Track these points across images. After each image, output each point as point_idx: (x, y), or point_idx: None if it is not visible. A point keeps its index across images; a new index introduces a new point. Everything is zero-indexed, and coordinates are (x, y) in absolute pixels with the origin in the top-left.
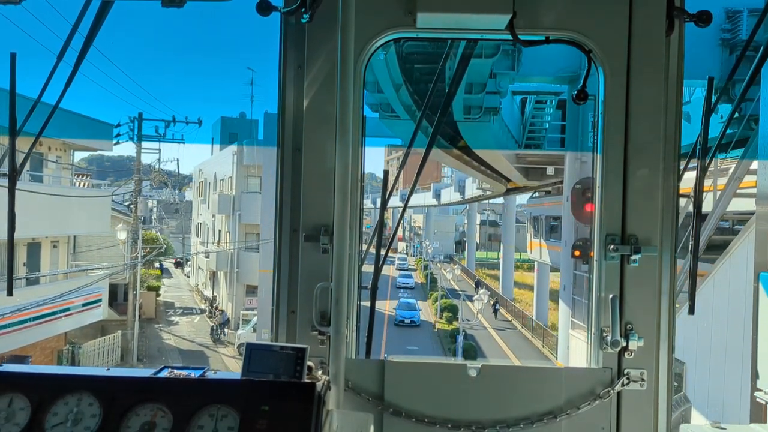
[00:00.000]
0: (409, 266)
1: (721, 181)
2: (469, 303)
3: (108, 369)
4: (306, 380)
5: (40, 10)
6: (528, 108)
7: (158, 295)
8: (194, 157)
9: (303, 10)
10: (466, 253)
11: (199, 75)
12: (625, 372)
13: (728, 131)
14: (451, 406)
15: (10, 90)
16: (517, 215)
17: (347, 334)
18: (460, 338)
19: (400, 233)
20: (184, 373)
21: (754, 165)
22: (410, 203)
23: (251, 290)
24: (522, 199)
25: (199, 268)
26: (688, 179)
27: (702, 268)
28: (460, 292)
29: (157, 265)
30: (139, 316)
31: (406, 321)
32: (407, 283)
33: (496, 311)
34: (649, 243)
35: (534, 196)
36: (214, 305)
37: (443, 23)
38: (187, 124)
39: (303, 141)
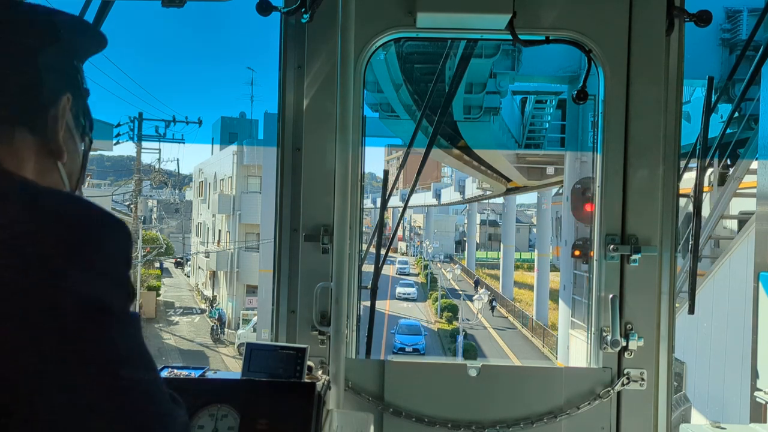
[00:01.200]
0: (411, 271)
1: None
2: (469, 303)
3: None
4: (306, 380)
5: None
6: (528, 108)
7: (158, 294)
8: (194, 157)
9: (303, 10)
10: (466, 252)
11: (200, 75)
12: (625, 372)
13: (728, 131)
14: (451, 406)
15: None
16: (518, 215)
17: (347, 334)
18: (460, 338)
19: (400, 233)
20: (184, 373)
21: (754, 165)
22: (410, 203)
23: (251, 290)
24: (522, 199)
25: (199, 267)
26: (688, 179)
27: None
28: (460, 292)
29: (157, 264)
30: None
31: (407, 349)
32: (408, 294)
33: (493, 308)
34: (649, 243)
35: (560, 192)
36: (214, 305)
37: (443, 23)
38: (187, 123)
39: (303, 141)
